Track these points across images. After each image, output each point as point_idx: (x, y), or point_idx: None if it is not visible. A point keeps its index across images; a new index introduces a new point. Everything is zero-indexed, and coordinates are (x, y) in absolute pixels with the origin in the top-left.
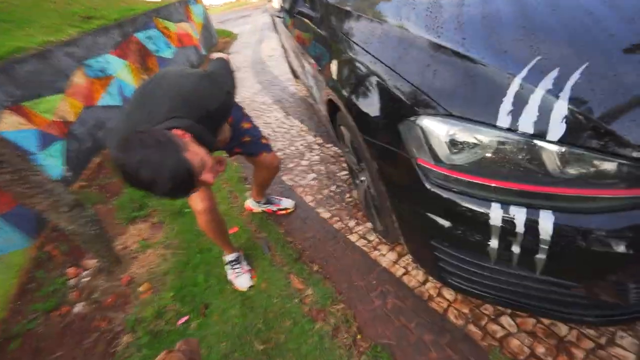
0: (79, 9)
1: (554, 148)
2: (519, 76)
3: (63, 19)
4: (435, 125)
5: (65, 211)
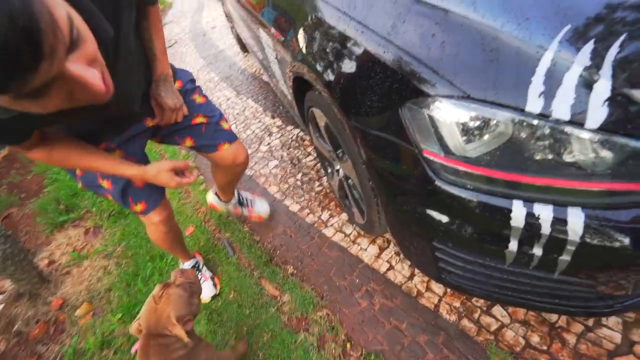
0: None
1: (592, 136)
2: (551, 49)
3: None
4: (449, 109)
5: None
